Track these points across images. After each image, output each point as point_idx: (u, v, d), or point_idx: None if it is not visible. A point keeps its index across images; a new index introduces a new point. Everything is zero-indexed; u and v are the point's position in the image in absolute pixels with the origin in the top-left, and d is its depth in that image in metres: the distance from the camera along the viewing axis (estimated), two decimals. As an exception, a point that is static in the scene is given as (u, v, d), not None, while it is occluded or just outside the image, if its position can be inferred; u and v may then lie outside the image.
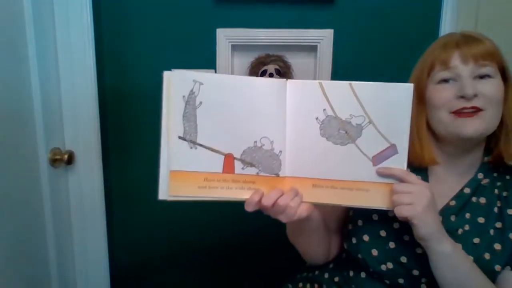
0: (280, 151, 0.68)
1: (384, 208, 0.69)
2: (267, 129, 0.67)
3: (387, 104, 0.66)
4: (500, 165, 0.78)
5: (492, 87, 0.71)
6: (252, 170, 0.68)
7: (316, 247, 0.86)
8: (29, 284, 1.08)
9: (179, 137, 0.66)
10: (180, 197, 0.67)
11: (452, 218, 0.75)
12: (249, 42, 1.23)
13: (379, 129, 0.66)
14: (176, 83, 0.66)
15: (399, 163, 0.67)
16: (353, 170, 0.68)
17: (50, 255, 1.17)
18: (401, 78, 1.28)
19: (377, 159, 0.67)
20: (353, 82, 0.66)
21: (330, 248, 0.89)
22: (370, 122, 0.66)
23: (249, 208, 0.67)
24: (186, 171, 0.67)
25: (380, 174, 0.67)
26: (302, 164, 0.68)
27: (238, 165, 0.67)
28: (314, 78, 1.27)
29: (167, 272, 1.42)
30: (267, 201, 0.66)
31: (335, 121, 0.67)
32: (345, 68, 1.24)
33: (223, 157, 0.67)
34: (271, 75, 1.18)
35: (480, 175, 0.77)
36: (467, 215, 0.75)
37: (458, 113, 0.71)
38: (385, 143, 0.67)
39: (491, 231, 0.73)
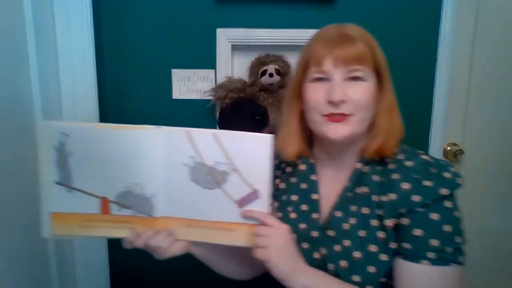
0: (152, 194, 0.72)
1: (247, 247, 0.73)
2: (137, 174, 0.71)
3: (248, 153, 0.70)
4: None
5: (362, 92, 0.72)
6: (127, 212, 0.73)
7: (232, 270, 0.90)
8: (29, 284, 1.08)
9: (56, 182, 0.72)
10: (62, 235, 0.75)
11: (338, 214, 0.76)
12: (249, 42, 1.23)
13: (243, 176, 0.71)
14: (45, 135, 0.71)
15: (261, 206, 0.72)
16: (221, 212, 0.73)
17: (50, 255, 1.17)
18: (401, 78, 1.28)
19: (242, 202, 0.72)
20: (216, 131, 0.70)
21: (251, 264, 0.89)
22: (234, 169, 0.71)
23: (126, 246, 0.74)
24: (65, 212, 0.73)
25: (244, 216, 0.72)
26: (175, 205, 0.73)
27: (114, 207, 0.73)
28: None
29: (167, 272, 1.41)
30: (138, 242, 0.73)
31: (202, 168, 0.71)
32: (345, 68, 1.24)
33: (99, 200, 0.73)
34: (271, 75, 1.18)
35: (358, 165, 0.77)
36: (353, 208, 0.75)
37: (328, 117, 0.73)
38: (248, 188, 0.72)
39: (374, 221, 0.73)
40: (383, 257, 0.71)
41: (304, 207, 0.81)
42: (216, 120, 1.25)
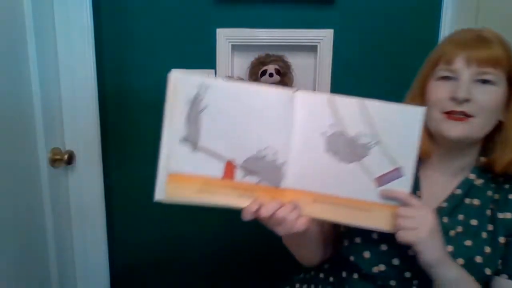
0: (283, 162, 0.66)
1: (384, 230, 0.67)
2: (271, 139, 0.65)
3: (397, 126, 0.65)
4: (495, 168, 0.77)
5: (489, 95, 0.69)
6: (253, 179, 0.66)
7: (312, 255, 0.86)
8: (29, 284, 1.08)
9: (181, 139, 0.65)
10: (177, 199, 0.66)
11: (445, 219, 0.75)
12: (249, 42, 1.23)
13: (387, 150, 0.65)
14: (182, 86, 0.65)
15: (404, 186, 0.66)
16: (356, 189, 0.67)
17: (50, 255, 1.17)
18: (400, 77, 1.28)
19: (382, 180, 0.66)
20: (365, 100, 0.65)
21: (326, 250, 0.88)
22: (378, 142, 0.65)
23: (246, 217, 0.66)
24: (185, 173, 0.65)
25: (383, 196, 0.66)
26: (304, 177, 0.67)
27: (239, 173, 0.66)
28: (314, 78, 1.27)
29: (167, 272, 1.42)
30: (265, 212, 0.65)
31: (342, 138, 0.65)
32: (345, 68, 1.24)
33: (224, 163, 0.66)
34: (271, 75, 1.18)
35: (472, 176, 0.76)
36: (460, 217, 0.75)
37: (448, 114, 0.71)
38: (391, 165, 0.66)
39: (483, 234, 0.73)
40: (488, 271, 0.71)
41: None
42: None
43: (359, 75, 1.26)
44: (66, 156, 1.19)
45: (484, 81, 0.70)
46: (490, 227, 0.73)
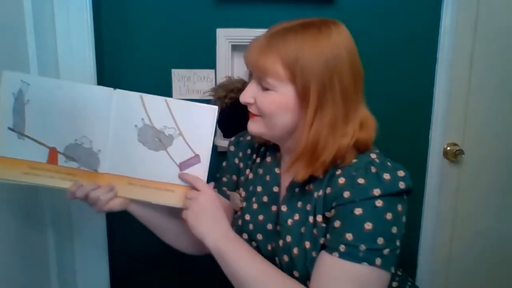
0: (99, 150, 0.78)
1: (180, 207, 0.79)
2: (88, 129, 0.78)
3: (194, 121, 0.77)
4: None
5: (267, 100, 0.72)
6: (73, 164, 0.79)
7: (179, 243, 0.96)
8: (29, 284, 1.08)
9: (9, 128, 0.77)
10: (6, 180, 0.79)
11: (284, 208, 0.78)
12: (249, 42, 1.22)
13: (187, 141, 0.78)
14: (6, 81, 0.76)
15: (200, 171, 0.79)
16: (163, 173, 0.79)
17: (50, 255, 1.17)
18: (401, 77, 1.29)
19: (184, 165, 0.79)
20: (168, 99, 0.77)
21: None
22: (180, 134, 0.78)
23: (68, 197, 0.79)
24: (12, 158, 0.78)
25: (180, 178, 0.79)
26: (120, 163, 0.80)
27: (61, 158, 0.79)
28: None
29: (167, 272, 1.42)
30: (79, 193, 0.78)
31: (151, 130, 0.78)
32: (345, 68, 1.24)
33: (48, 149, 0.78)
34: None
35: None
36: (299, 204, 0.76)
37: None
38: (191, 153, 0.78)
39: (311, 217, 0.72)
40: (314, 254, 0.70)
41: (265, 198, 0.83)
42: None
43: (359, 75, 1.26)
44: (66, 156, 1.19)
45: (264, 88, 0.73)
46: (312, 208, 0.73)
